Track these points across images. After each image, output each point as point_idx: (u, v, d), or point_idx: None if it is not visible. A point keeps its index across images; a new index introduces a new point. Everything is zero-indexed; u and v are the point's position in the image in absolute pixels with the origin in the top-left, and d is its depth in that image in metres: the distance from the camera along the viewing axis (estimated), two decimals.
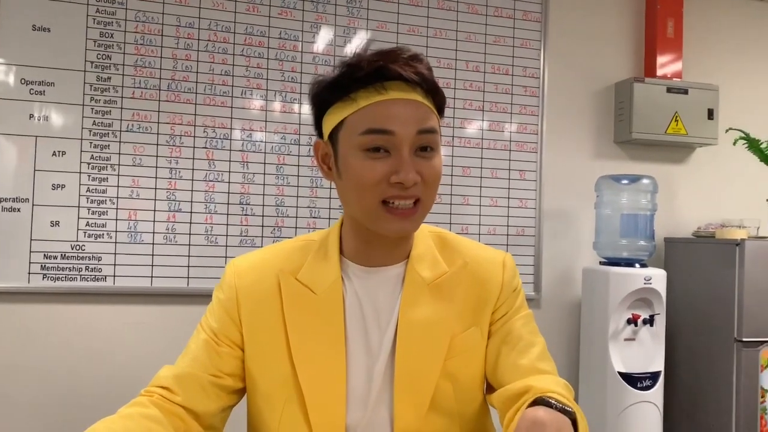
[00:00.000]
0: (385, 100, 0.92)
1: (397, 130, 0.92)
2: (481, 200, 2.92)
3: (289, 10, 2.70)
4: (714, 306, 2.78)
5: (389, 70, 0.92)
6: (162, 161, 2.54)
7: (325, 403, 0.99)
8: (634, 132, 3.02)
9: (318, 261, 1.04)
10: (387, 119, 0.92)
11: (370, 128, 0.92)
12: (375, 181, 0.92)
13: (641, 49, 3.21)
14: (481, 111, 2.93)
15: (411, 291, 1.02)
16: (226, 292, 1.05)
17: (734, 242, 2.69)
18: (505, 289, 1.09)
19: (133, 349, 2.52)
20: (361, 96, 0.93)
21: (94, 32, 2.48)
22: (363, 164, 0.93)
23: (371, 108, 0.93)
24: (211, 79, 2.60)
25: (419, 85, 0.95)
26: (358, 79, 0.93)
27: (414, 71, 0.94)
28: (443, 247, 1.09)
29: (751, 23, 3.43)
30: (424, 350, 1.01)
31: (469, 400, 1.05)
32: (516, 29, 2.98)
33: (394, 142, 0.92)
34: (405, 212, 0.95)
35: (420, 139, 0.94)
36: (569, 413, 0.82)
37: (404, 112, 0.93)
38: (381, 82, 0.93)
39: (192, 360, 1.02)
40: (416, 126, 0.93)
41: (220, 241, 2.60)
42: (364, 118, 0.93)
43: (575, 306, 3.07)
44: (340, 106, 0.95)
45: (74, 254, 2.44)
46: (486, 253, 1.12)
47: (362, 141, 0.93)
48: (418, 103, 0.94)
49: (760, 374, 2.65)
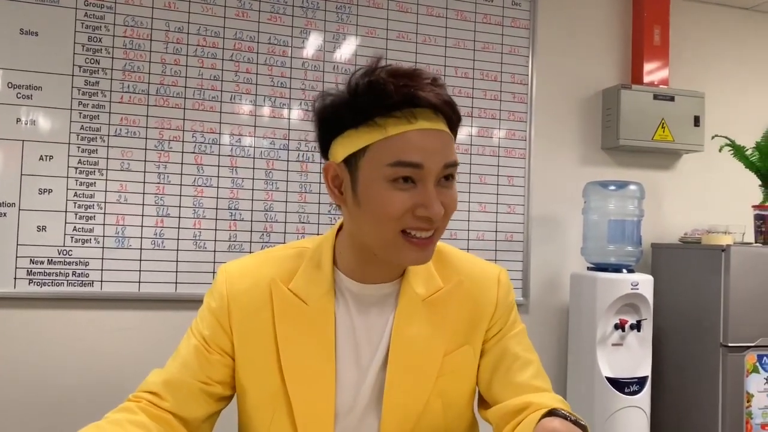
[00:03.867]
0: (415, 130, 0.90)
1: (426, 163, 0.90)
2: (470, 206, 2.93)
3: (279, 16, 2.70)
4: (700, 311, 2.80)
5: (419, 99, 0.89)
6: (150, 166, 2.53)
7: (314, 416, 0.98)
8: (622, 138, 3.04)
9: (310, 270, 1.03)
10: (417, 151, 0.89)
11: (400, 160, 0.89)
12: (400, 213, 0.90)
13: (628, 57, 3.24)
14: (470, 117, 2.94)
15: (405, 307, 1.01)
16: (217, 301, 1.03)
17: (720, 248, 2.71)
18: (499, 307, 1.08)
19: (121, 355, 2.50)
20: (389, 123, 0.89)
21: (82, 36, 2.47)
22: (389, 194, 0.90)
23: (401, 138, 0.89)
24: (200, 84, 2.60)
25: (444, 114, 0.93)
26: (386, 105, 0.89)
27: (441, 99, 0.91)
28: (438, 262, 1.07)
29: (737, 31, 3.47)
30: (416, 367, 1.00)
31: (457, 418, 1.05)
32: (504, 36, 3.00)
33: (421, 175, 0.90)
34: (424, 242, 0.93)
35: (444, 171, 0.92)
36: (582, 426, 0.83)
37: (433, 144, 0.90)
38: (411, 110, 0.89)
39: (182, 365, 1.01)
40: (444, 159, 0.91)
41: (209, 247, 2.59)
42: (393, 148, 0.89)
43: (563, 311, 3.08)
44: (363, 132, 0.91)
45: (61, 259, 2.42)
46: (481, 269, 1.10)
47: (390, 172, 0.90)
48: (444, 134, 0.93)
49: (746, 379, 2.67)
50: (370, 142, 0.90)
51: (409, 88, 0.89)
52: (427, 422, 1.01)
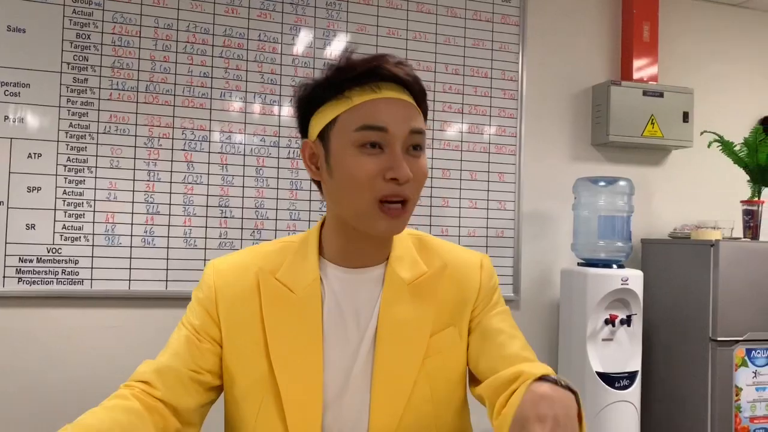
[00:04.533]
0: (379, 98, 0.96)
1: (391, 127, 0.95)
2: (461, 202, 2.94)
3: (269, 12, 2.69)
4: (689, 306, 2.82)
5: (383, 70, 0.96)
6: (140, 163, 2.52)
7: (302, 402, 0.99)
8: (611, 135, 3.06)
9: (297, 261, 1.05)
10: (383, 116, 0.95)
11: (365, 124, 0.95)
12: (370, 177, 0.94)
13: (618, 53, 3.26)
14: (461, 114, 2.95)
15: (391, 291, 1.04)
16: (205, 291, 1.06)
17: (709, 243, 2.73)
18: (483, 290, 1.10)
19: (111, 354, 2.49)
20: (355, 94, 0.96)
21: (70, 33, 2.45)
22: (357, 160, 0.95)
23: (366, 105, 0.95)
24: (190, 81, 2.59)
25: (410, 86, 0.99)
26: (352, 78, 0.96)
27: (405, 73, 0.98)
28: (422, 249, 1.11)
29: (725, 28, 3.49)
30: (403, 349, 1.02)
31: (445, 402, 1.06)
32: (495, 33, 3.01)
33: (387, 139, 0.95)
34: (395, 212, 0.97)
35: (412, 138, 0.97)
36: (573, 392, 0.84)
37: (397, 111, 0.96)
38: (375, 82, 0.96)
39: (172, 355, 1.03)
40: (408, 125, 0.96)
41: (199, 244, 2.58)
42: (358, 115, 0.95)
43: (554, 307, 3.09)
44: (332, 104, 0.98)
45: (50, 257, 2.41)
46: (464, 255, 1.13)
47: (357, 137, 0.95)
48: (409, 104, 0.98)
49: (734, 373, 2.69)
50: (338, 112, 0.97)
51: (374, 62, 0.96)
52: (415, 406, 1.02)
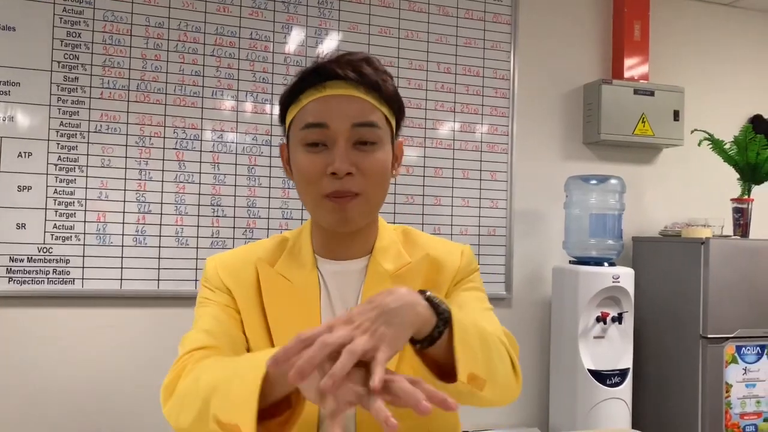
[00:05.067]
0: (323, 96, 0.97)
1: (332, 123, 0.96)
2: (453, 201, 2.94)
3: (260, 11, 2.69)
4: (680, 303, 2.83)
5: (326, 69, 0.97)
6: (131, 162, 2.51)
7: None
8: (603, 133, 3.07)
9: (293, 255, 1.08)
10: (323, 113, 0.96)
11: (307, 123, 0.97)
12: (314, 174, 0.97)
13: (609, 52, 3.27)
14: (453, 112, 2.95)
15: (373, 282, 1.06)
16: (213, 281, 1.07)
17: (699, 241, 2.75)
18: (460, 272, 1.12)
19: (103, 353, 2.48)
20: (304, 96, 0.99)
21: (61, 31, 2.44)
22: (304, 158, 0.98)
23: (310, 105, 0.98)
24: (182, 80, 2.58)
25: (358, 82, 0.98)
26: (303, 80, 0.99)
27: (352, 69, 0.97)
28: (407, 242, 1.13)
29: (716, 27, 3.51)
30: None
31: None
32: (486, 31, 3.01)
33: (330, 136, 0.97)
34: (341, 203, 0.97)
35: (357, 132, 0.97)
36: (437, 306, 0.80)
37: (340, 107, 0.97)
38: (321, 82, 0.98)
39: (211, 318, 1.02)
40: (352, 120, 0.97)
41: (191, 243, 2.58)
42: (304, 114, 0.98)
43: (545, 305, 3.11)
44: (291, 109, 1.02)
45: (41, 257, 2.40)
46: (446, 246, 1.15)
47: (302, 136, 0.98)
48: (357, 99, 0.98)
49: (725, 369, 2.71)
50: (292, 116, 1.01)
51: (324, 64, 0.98)
52: None
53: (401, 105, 1.05)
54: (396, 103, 1.03)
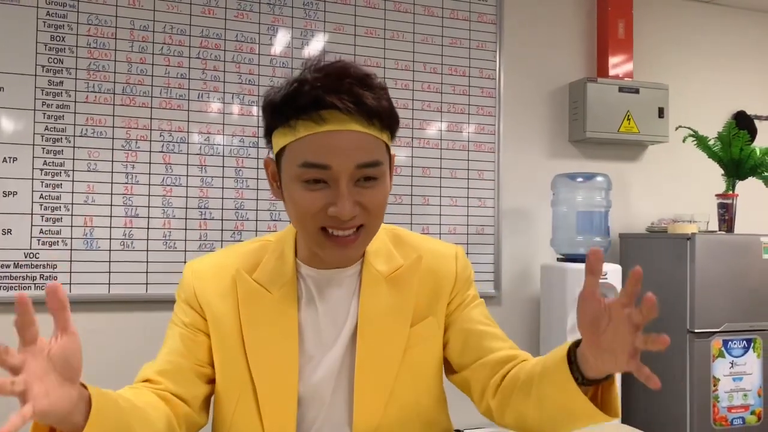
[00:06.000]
0: (323, 131, 0.90)
1: (334, 164, 0.90)
2: (441, 200, 2.95)
3: (246, 13, 2.68)
4: (667, 299, 2.86)
5: (325, 102, 0.89)
6: (117, 166, 2.50)
7: (277, 399, 1.01)
8: (588, 131, 3.09)
9: (273, 261, 1.06)
10: (324, 153, 0.90)
11: (307, 161, 0.91)
12: (313, 212, 0.93)
13: (593, 50, 3.29)
14: (440, 112, 2.96)
15: (369, 285, 1.05)
16: (186, 292, 1.07)
17: (685, 236, 2.77)
18: (459, 280, 1.12)
19: (91, 359, 2.45)
20: (300, 125, 0.91)
21: (44, 35, 2.43)
22: (302, 195, 0.93)
23: (309, 139, 0.91)
24: (167, 83, 2.57)
25: (359, 113, 0.91)
26: (296, 107, 0.91)
27: (353, 100, 0.90)
28: (397, 243, 1.12)
29: (699, 24, 3.54)
30: (384, 342, 1.04)
31: (425, 390, 1.08)
32: (471, 31, 3.02)
33: (331, 176, 0.91)
34: (346, 240, 0.95)
35: (360, 172, 0.92)
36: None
37: (341, 144, 0.90)
38: (318, 112, 0.90)
39: (170, 352, 1.04)
40: (355, 160, 0.91)
41: (179, 247, 2.57)
42: (302, 149, 0.91)
43: (534, 302, 3.12)
44: (282, 132, 0.95)
45: (28, 262, 2.39)
46: (438, 247, 1.15)
47: (300, 173, 0.92)
48: (358, 134, 0.91)
49: (712, 364, 2.74)
50: (285, 143, 0.94)
51: (319, 90, 0.89)
52: (398, 398, 1.03)
53: (397, 118, 0.99)
54: (393, 119, 0.98)
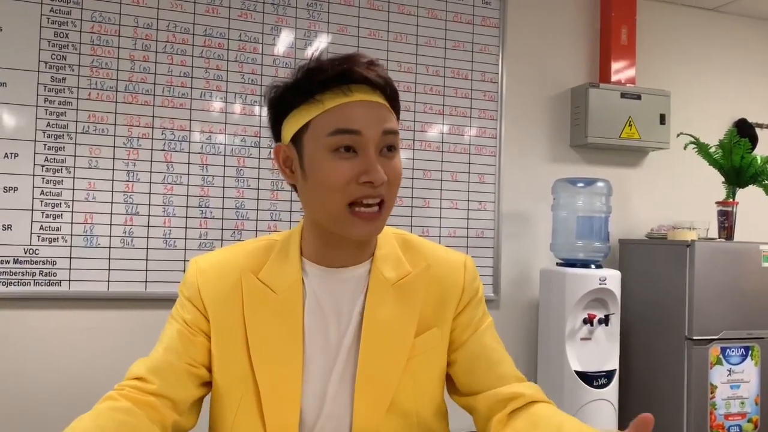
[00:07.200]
0: (351, 101, 0.94)
1: (364, 130, 0.94)
2: (442, 203, 2.95)
3: (250, 12, 2.69)
4: (666, 305, 2.86)
5: (354, 73, 0.94)
6: (119, 163, 2.50)
7: (280, 401, 1.00)
8: (590, 136, 3.09)
9: (279, 261, 1.05)
10: (354, 120, 0.94)
11: (338, 128, 0.94)
12: (344, 181, 0.94)
13: (596, 56, 3.30)
14: (441, 115, 2.96)
15: (376, 290, 1.04)
16: (189, 289, 1.06)
17: (685, 243, 2.77)
18: (466, 291, 1.10)
19: (90, 356, 2.47)
20: (327, 98, 0.95)
21: (48, 32, 2.43)
22: (332, 164, 0.94)
23: (338, 109, 0.94)
24: (170, 81, 2.57)
25: (382, 87, 0.97)
26: (322, 81, 0.95)
27: (376, 74, 0.96)
28: (406, 249, 1.11)
29: (701, 31, 3.55)
30: (388, 348, 1.03)
31: (427, 401, 1.07)
32: (475, 35, 3.02)
33: (361, 142, 0.94)
34: (371, 216, 0.96)
35: (385, 139, 0.96)
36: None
37: (369, 113, 0.95)
38: (347, 85, 0.94)
39: (166, 349, 1.03)
40: (381, 126, 0.95)
41: (179, 245, 2.57)
42: (331, 119, 0.94)
43: (533, 306, 3.12)
44: (304, 109, 0.97)
45: (27, 258, 2.39)
46: (448, 256, 1.14)
47: (330, 142, 0.94)
48: (381, 105, 0.97)
49: (710, 371, 2.74)
50: (310, 117, 0.96)
51: (344, 65, 0.95)
52: (398, 406, 1.03)
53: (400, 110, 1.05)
54: (399, 108, 1.04)
